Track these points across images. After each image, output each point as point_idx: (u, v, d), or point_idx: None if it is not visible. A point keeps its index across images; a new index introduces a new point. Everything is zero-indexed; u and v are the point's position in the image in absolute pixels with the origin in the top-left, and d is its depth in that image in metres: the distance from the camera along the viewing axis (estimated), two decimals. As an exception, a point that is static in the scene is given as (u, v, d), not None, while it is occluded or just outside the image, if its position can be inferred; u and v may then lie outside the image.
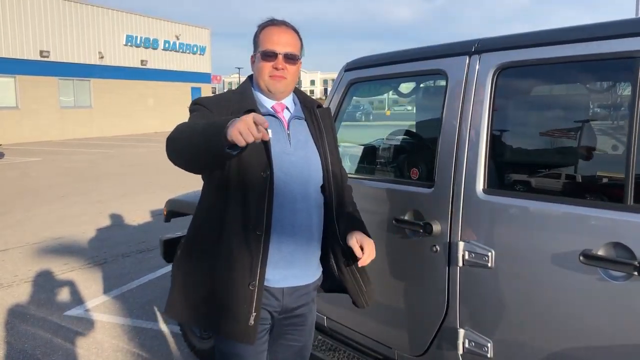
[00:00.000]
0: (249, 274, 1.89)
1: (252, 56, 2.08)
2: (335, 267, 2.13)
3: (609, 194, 2.26)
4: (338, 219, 2.07)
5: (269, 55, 1.98)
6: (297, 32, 2.07)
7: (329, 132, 2.12)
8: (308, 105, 2.14)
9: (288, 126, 2.03)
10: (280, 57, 1.98)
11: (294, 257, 2.00)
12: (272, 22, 2.04)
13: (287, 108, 2.07)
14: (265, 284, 1.94)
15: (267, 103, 2.05)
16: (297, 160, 2.00)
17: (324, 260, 2.15)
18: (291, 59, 2.01)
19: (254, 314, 1.88)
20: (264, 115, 1.88)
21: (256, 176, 1.89)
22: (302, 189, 2.00)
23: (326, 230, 2.10)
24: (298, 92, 2.18)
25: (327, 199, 2.07)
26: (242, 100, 2.00)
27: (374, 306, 2.23)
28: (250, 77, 2.11)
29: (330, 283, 2.18)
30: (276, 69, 1.97)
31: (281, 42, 1.99)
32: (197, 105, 1.99)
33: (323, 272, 2.17)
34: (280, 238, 1.95)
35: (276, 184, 1.91)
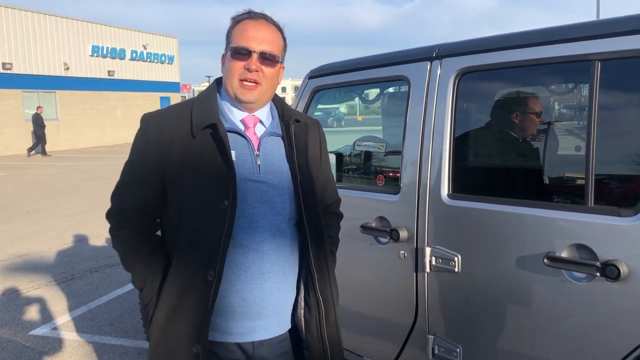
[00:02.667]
0: (193, 330, 1.56)
1: (222, 55, 1.70)
2: (302, 320, 1.73)
3: (571, 195, 2.29)
4: (315, 260, 1.70)
5: (241, 53, 1.61)
6: (279, 29, 1.71)
7: (301, 150, 1.72)
8: (285, 119, 1.76)
9: (259, 146, 1.67)
10: (254, 55, 1.61)
11: (261, 307, 1.65)
12: (249, 15, 1.67)
13: (261, 122, 1.71)
14: (233, 339, 1.65)
15: (236, 115, 1.68)
16: (267, 189, 1.64)
17: (293, 307, 1.76)
18: (269, 59, 1.63)
19: None
20: (227, 131, 1.61)
21: (213, 206, 1.56)
22: (273, 226, 1.65)
23: (299, 270, 1.75)
24: (277, 102, 1.80)
25: (302, 237, 1.71)
26: (201, 110, 1.63)
27: (342, 314, 2.21)
28: (218, 81, 1.74)
29: (295, 338, 1.78)
30: (248, 69, 1.61)
31: (258, 38, 1.62)
32: (142, 136, 1.65)
33: (291, 321, 1.76)
34: (245, 286, 1.62)
35: (239, 220, 1.58)
